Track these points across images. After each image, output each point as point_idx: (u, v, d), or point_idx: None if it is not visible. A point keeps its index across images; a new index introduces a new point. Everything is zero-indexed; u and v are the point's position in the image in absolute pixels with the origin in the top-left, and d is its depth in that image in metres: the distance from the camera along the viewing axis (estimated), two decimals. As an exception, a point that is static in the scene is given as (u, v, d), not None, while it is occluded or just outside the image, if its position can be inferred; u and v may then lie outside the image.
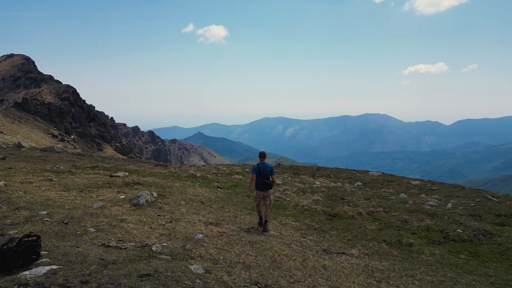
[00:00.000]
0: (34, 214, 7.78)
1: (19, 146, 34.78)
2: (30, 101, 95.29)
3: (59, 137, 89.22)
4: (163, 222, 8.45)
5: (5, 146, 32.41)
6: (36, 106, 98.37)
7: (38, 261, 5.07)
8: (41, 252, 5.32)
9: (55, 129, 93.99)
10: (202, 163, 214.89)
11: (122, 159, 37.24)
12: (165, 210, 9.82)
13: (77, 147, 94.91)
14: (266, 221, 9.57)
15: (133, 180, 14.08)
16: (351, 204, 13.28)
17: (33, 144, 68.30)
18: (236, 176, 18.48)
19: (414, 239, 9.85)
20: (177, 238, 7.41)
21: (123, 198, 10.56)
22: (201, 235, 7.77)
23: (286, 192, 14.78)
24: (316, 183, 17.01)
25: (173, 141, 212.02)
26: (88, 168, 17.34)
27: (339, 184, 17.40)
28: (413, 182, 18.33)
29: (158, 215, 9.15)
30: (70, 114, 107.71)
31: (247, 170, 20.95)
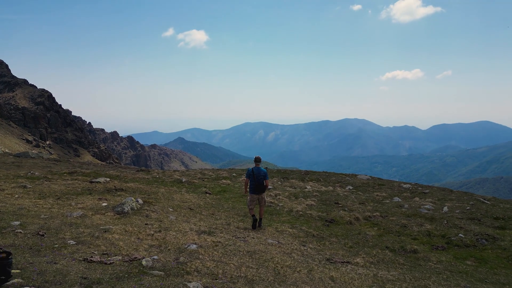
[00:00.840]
0: (5, 225, 6.86)
1: (-11, 151, 32.90)
2: (3, 106, 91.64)
3: (34, 142, 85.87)
4: (152, 232, 7.66)
5: (-26, 152, 30.55)
6: (9, 110, 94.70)
7: (8, 283, 4.24)
8: (12, 271, 4.48)
9: (29, 135, 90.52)
10: (183, 168, 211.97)
11: (101, 164, 35.77)
12: (153, 218, 9.02)
13: (52, 153, 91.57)
14: (260, 219, 10.13)
15: (115, 186, 13.14)
16: (346, 208, 12.78)
17: (6, 150, 65.28)
18: (224, 181, 17.73)
19: (417, 245, 9.40)
20: (169, 249, 6.65)
21: (105, 205, 9.68)
22: (194, 246, 7.03)
23: (278, 197, 14.15)
24: (307, 187, 16.47)
25: (153, 146, 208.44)
26: (65, 174, 16.23)
27: (331, 188, 16.92)
28: (404, 186, 18.06)
29: (146, 224, 8.34)
30: (46, 119, 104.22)
31: (234, 175, 20.23)
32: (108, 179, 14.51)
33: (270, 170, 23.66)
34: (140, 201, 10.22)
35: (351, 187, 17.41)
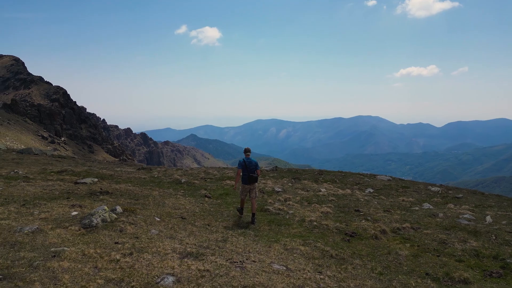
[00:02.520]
0: None
1: (-7, 147, 31.79)
2: (20, 103, 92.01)
3: (49, 139, 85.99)
4: (118, 256, 5.73)
5: (-25, 148, 29.39)
6: (25, 107, 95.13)
7: None
8: None
9: (45, 131, 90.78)
10: (195, 165, 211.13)
11: (106, 161, 34.20)
12: (128, 233, 7.09)
13: (67, 149, 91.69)
14: (253, 214, 9.87)
15: (101, 188, 11.32)
16: (369, 218, 10.63)
17: (22, 146, 65.12)
18: (228, 181, 15.74)
19: (465, 270, 7.23)
20: (132, 287, 4.70)
21: (74, 215, 7.82)
22: (170, 279, 5.08)
23: (288, 202, 12.08)
24: (322, 190, 14.36)
25: (166, 143, 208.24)
26: (53, 173, 14.51)
27: (348, 191, 14.76)
28: (432, 189, 15.77)
29: (115, 243, 6.43)
30: (61, 115, 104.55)
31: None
32: (96, 180, 12.70)
33: (280, 169, 21.64)
34: (119, 209, 8.32)
35: (371, 190, 15.22)
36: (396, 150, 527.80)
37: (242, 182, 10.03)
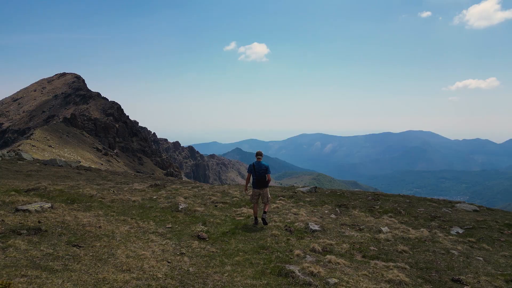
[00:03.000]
0: None
1: (19, 158, 29.95)
2: (78, 117, 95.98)
3: (103, 151, 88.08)
4: None
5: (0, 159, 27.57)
6: (83, 121, 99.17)
7: None
8: None
9: (99, 143, 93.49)
10: (240, 178, 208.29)
11: (134, 174, 30.96)
12: None
13: (119, 161, 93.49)
14: (265, 212, 9.51)
15: (39, 221, 7.28)
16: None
17: (78, 158, 66.35)
18: (245, 210, 11.03)
19: None
20: None
21: None
22: None
23: (328, 257, 6.93)
24: (383, 229, 9.13)
25: (212, 156, 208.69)
26: (13, 193, 10.79)
27: (425, 232, 9.35)
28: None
29: None
30: (114, 129, 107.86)
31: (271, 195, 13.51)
32: (48, 206, 8.67)
33: (320, 191, 16.53)
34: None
35: (459, 231, 9.69)
36: (451, 167, 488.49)
37: (253, 186, 9.65)
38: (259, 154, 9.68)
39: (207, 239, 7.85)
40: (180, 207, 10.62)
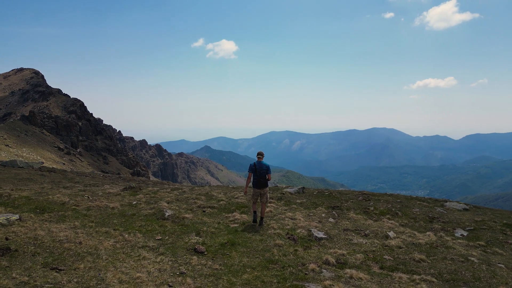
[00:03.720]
0: None
1: (-24, 160, 27.27)
2: (37, 114, 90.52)
3: (65, 150, 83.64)
4: None
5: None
6: (43, 119, 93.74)
7: None
8: None
9: (61, 142, 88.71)
10: (209, 177, 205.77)
11: (103, 175, 28.98)
12: None
13: (82, 160, 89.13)
14: (262, 218, 9.70)
15: (6, 238, 6.05)
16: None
17: (38, 157, 62.16)
18: (237, 214, 10.26)
19: None
20: None
21: None
22: None
23: (347, 271, 6.22)
24: (389, 234, 8.71)
25: (180, 154, 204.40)
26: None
27: (432, 235, 9.07)
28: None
29: None
30: (77, 127, 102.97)
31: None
32: (15, 218, 7.44)
33: (308, 191, 16.06)
34: None
35: (464, 233, 9.52)
36: (412, 162, 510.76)
37: (253, 186, 9.69)
38: (260, 154, 9.70)
39: (205, 253, 7.01)
40: (166, 214, 9.68)
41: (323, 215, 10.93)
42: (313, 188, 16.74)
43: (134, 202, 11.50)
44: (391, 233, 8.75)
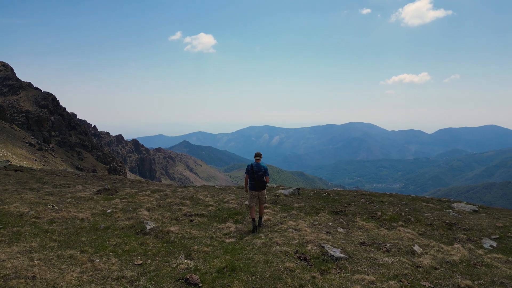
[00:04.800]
0: None
1: None
2: (7, 109, 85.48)
3: (37, 146, 79.50)
4: None
5: None
6: (13, 114, 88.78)
7: None
8: None
9: (32, 138, 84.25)
10: (188, 172, 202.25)
11: (75, 174, 26.59)
12: None
13: (55, 156, 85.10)
14: (261, 217, 9.52)
15: None
16: None
17: (8, 153, 58.18)
18: (232, 226, 8.67)
19: None
20: None
21: None
22: None
23: None
24: (416, 250, 7.37)
25: (158, 149, 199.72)
26: None
27: (461, 248, 7.83)
28: None
29: None
30: (49, 122, 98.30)
31: (248, 203, 11.30)
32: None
33: (303, 192, 14.68)
34: None
35: (492, 243, 8.35)
36: (388, 156, 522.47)
37: (250, 188, 9.25)
38: (257, 155, 9.39)
39: (200, 286, 5.42)
40: (148, 227, 8.01)
41: (330, 223, 9.54)
42: (308, 188, 15.40)
43: (109, 210, 9.74)
44: (416, 248, 7.48)
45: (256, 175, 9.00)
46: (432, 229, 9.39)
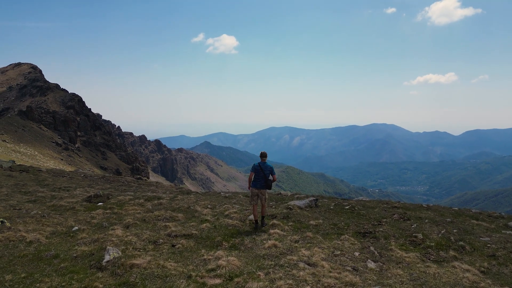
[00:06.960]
0: None
1: None
2: (35, 110, 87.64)
3: (63, 145, 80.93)
4: None
5: None
6: (40, 114, 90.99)
7: None
8: None
9: (59, 138, 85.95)
10: (209, 172, 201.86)
11: (83, 175, 25.01)
12: None
13: (81, 155, 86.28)
14: (263, 217, 9.52)
15: None
16: None
17: (36, 153, 58.81)
18: (223, 257, 6.41)
19: None
20: None
21: None
22: None
23: None
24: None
25: (180, 150, 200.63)
26: None
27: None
28: None
29: None
30: (75, 122, 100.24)
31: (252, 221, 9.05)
32: None
33: (323, 203, 12.28)
34: None
35: None
36: (412, 158, 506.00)
37: (253, 185, 9.32)
38: (264, 155, 9.46)
39: None
40: (106, 258, 5.81)
41: (356, 253, 7.04)
42: (327, 197, 12.88)
43: (75, 228, 7.70)
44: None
45: (265, 173, 9.07)
46: (499, 264, 6.74)
